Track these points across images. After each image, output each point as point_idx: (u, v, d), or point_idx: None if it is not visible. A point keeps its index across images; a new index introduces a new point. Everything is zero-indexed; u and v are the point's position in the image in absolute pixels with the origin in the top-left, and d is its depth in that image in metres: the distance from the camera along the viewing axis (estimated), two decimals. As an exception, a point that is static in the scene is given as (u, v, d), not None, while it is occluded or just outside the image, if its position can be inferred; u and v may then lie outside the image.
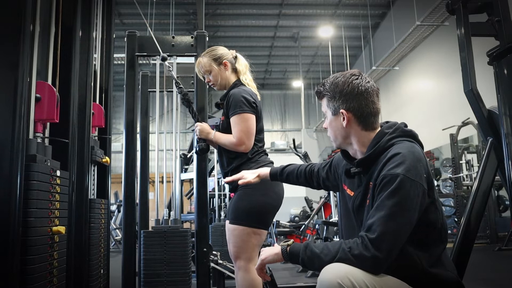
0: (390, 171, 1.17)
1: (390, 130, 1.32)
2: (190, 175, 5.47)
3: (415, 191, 1.16)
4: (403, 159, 1.18)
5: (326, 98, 1.37)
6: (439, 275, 1.23)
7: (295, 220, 8.24)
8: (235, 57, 2.16)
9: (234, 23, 12.13)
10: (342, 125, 1.33)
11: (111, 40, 3.12)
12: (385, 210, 1.13)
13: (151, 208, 2.89)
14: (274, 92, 16.65)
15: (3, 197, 1.42)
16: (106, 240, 2.76)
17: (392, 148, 1.25)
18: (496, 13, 2.22)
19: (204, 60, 2.12)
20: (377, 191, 1.19)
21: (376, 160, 1.27)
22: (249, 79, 2.15)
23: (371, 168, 1.28)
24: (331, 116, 1.36)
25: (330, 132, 1.39)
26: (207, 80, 2.17)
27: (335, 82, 1.34)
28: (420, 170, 1.19)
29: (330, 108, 1.36)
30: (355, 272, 1.10)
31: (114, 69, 3.28)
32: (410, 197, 1.15)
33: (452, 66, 8.07)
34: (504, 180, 2.11)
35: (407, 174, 1.15)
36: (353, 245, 1.14)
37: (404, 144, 1.26)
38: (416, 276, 1.20)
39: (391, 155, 1.21)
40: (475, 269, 3.90)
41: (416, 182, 1.16)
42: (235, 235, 1.91)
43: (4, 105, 1.48)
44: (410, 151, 1.22)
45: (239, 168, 1.97)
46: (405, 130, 1.33)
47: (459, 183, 7.20)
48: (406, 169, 1.16)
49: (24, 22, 1.55)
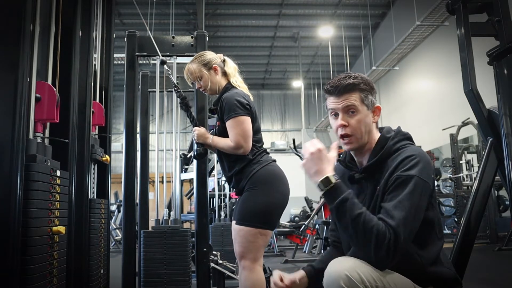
0: (405, 173, 1.20)
1: (392, 134, 1.33)
2: (190, 175, 5.47)
3: (427, 192, 1.21)
4: (417, 161, 1.21)
5: (361, 91, 1.30)
6: (438, 272, 1.24)
7: (295, 220, 8.25)
8: (223, 60, 2.15)
9: (234, 23, 12.13)
10: (371, 122, 1.33)
11: (111, 40, 3.12)
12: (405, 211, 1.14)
13: (151, 208, 2.89)
14: (274, 92, 16.65)
15: (3, 197, 1.43)
16: (106, 240, 2.76)
17: (401, 151, 1.27)
18: (496, 13, 2.22)
19: (194, 66, 2.10)
20: (389, 190, 1.20)
21: (383, 165, 1.28)
22: (239, 81, 2.14)
23: (376, 174, 1.28)
24: (365, 111, 1.31)
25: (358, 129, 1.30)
26: (197, 86, 2.15)
27: (365, 77, 1.33)
28: (430, 171, 1.23)
29: (366, 102, 1.31)
30: (363, 266, 1.12)
31: (114, 69, 3.29)
32: (423, 198, 1.19)
33: (452, 66, 8.07)
34: (504, 180, 2.11)
35: (421, 176, 1.19)
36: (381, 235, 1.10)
37: (412, 147, 1.29)
38: (417, 274, 1.21)
39: (404, 158, 1.23)
40: (475, 269, 3.90)
41: (427, 183, 1.20)
42: (241, 235, 1.91)
43: (4, 105, 1.48)
44: (421, 153, 1.25)
45: (243, 171, 1.97)
46: (404, 133, 1.36)
47: (459, 183, 7.20)
48: (420, 171, 1.20)
49: (24, 22, 1.55)
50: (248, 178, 1.95)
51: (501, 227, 6.79)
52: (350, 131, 1.29)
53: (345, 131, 1.30)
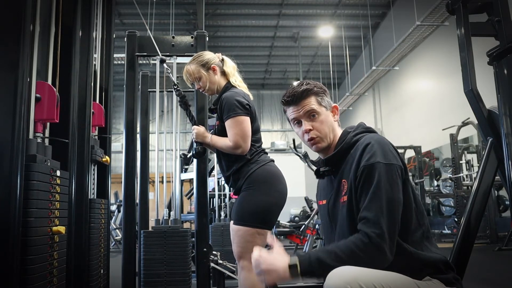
0: (369, 162, 1.22)
1: (353, 128, 1.39)
2: (190, 175, 5.46)
3: (395, 173, 1.22)
4: (374, 148, 1.24)
5: (316, 95, 1.38)
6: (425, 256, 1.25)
7: (295, 220, 8.25)
8: (221, 60, 2.15)
9: (234, 23, 12.13)
10: (333, 121, 1.39)
11: (111, 40, 3.12)
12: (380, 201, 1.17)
13: (151, 208, 2.90)
14: (274, 92, 16.65)
15: (3, 197, 1.42)
16: (106, 240, 2.76)
17: (358, 142, 1.31)
18: (496, 13, 2.22)
19: (192, 67, 2.11)
20: (360, 183, 1.23)
21: (344, 157, 1.33)
22: (238, 80, 2.14)
23: (340, 167, 1.33)
24: (325, 112, 1.38)
25: (322, 130, 1.36)
26: (197, 87, 2.16)
27: (317, 82, 1.40)
28: (392, 151, 1.26)
29: (325, 103, 1.39)
30: (363, 275, 1.09)
31: (114, 69, 3.28)
32: (393, 180, 1.20)
33: (452, 66, 8.07)
34: (504, 180, 2.11)
35: (383, 161, 1.21)
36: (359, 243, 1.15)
37: (368, 135, 1.32)
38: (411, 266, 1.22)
39: (363, 147, 1.26)
40: (475, 269, 3.90)
41: (393, 164, 1.22)
42: (239, 235, 1.91)
43: (4, 105, 1.48)
44: (377, 138, 1.28)
45: (240, 170, 1.97)
46: (366, 126, 1.39)
47: (459, 183, 7.20)
48: (381, 155, 1.22)
49: (24, 22, 1.55)
50: (246, 178, 1.95)
51: (501, 227, 6.79)
52: (316, 134, 1.36)
53: (311, 135, 1.36)
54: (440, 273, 1.26)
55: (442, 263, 1.27)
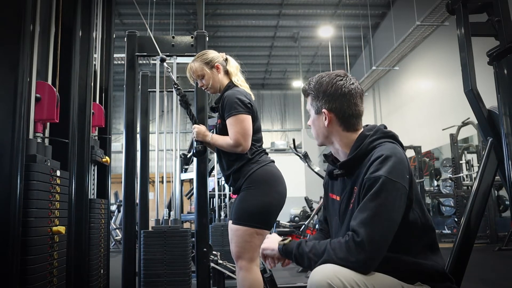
0: (373, 174, 1.19)
1: (371, 132, 1.33)
2: (190, 175, 5.47)
3: (398, 192, 1.17)
4: (385, 161, 1.20)
5: (310, 96, 1.39)
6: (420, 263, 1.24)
7: (295, 220, 8.24)
8: (225, 59, 2.16)
9: (234, 23, 12.13)
10: (324, 125, 1.36)
11: (111, 40, 3.11)
12: (368, 211, 1.14)
13: (151, 208, 2.90)
14: (274, 92, 16.65)
15: (3, 197, 1.42)
16: (106, 240, 2.76)
17: (375, 150, 1.26)
18: (496, 13, 2.22)
19: (196, 64, 2.12)
20: (362, 195, 1.20)
21: (360, 162, 1.28)
22: (241, 80, 2.15)
23: (355, 172, 1.29)
24: (314, 115, 1.39)
25: (312, 130, 1.42)
26: (200, 84, 2.17)
27: (320, 81, 1.36)
28: (402, 171, 1.20)
29: (314, 107, 1.39)
30: (345, 271, 1.11)
31: (114, 69, 3.28)
32: (393, 198, 1.16)
33: (452, 66, 8.07)
34: (504, 180, 2.11)
35: (389, 176, 1.17)
36: (338, 246, 1.15)
37: (386, 145, 1.27)
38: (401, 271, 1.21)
39: (374, 158, 1.22)
40: (475, 269, 3.90)
41: (398, 183, 1.17)
42: (237, 235, 1.91)
43: (4, 105, 1.48)
44: (393, 152, 1.22)
45: (240, 170, 1.97)
46: (385, 131, 1.34)
47: (459, 183, 7.20)
48: (388, 170, 1.17)
49: (24, 22, 1.55)
50: (246, 178, 1.95)
51: (501, 227, 6.80)
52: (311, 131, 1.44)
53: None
54: (434, 281, 1.25)
55: (438, 272, 1.26)
